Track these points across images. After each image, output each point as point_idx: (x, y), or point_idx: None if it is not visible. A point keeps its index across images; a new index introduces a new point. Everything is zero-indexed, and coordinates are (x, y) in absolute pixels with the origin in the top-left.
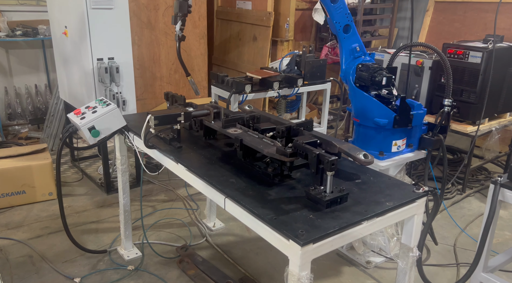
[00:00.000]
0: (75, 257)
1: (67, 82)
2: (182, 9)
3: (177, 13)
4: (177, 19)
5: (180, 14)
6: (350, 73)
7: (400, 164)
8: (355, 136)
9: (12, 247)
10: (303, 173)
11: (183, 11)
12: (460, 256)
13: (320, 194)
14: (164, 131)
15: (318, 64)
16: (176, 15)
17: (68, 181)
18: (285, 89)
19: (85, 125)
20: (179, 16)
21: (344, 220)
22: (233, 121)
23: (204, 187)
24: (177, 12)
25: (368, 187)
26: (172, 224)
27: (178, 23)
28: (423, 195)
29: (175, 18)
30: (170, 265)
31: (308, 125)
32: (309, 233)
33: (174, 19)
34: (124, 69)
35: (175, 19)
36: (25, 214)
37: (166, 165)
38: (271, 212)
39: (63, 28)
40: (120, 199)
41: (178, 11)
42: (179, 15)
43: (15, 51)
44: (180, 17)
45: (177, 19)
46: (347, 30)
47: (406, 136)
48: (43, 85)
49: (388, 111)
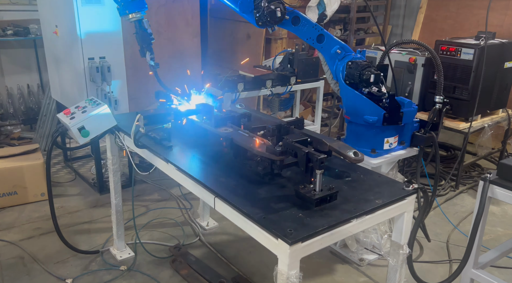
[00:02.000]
0: (67, 257)
1: (59, 82)
2: (145, 41)
3: (142, 46)
4: (144, 51)
5: (145, 45)
6: (340, 70)
7: (392, 161)
8: (347, 133)
9: (3, 249)
10: (294, 171)
11: (147, 41)
12: (453, 253)
13: (310, 192)
14: (155, 130)
15: (311, 62)
16: (142, 48)
17: (61, 181)
18: (278, 87)
19: (75, 125)
20: (145, 48)
21: (333, 218)
22: (224, 120)
23: (194, 186)
24: (142, 45)
25: (358, 185)
26: (166, 223)
27: (146, 54)
28: (413, 192)
29: (142, 51)
30: (163, 265)
31: (299, 123)
32: (298, 231)
33: (142, 52)
34: (115, 69)
35: (142, 52)
36: (17, 215)
37: (157, 164)
38: (261, 211)
39: (53, 27)
40: (112, 199)
41: (142, 43)
42: (144, 46)
43: (6, 51)
44: (146, 47)
45: (144, 50)
46: (320, 39)
47: (398, 133)
48: (35, 85)
49: (377, 109)
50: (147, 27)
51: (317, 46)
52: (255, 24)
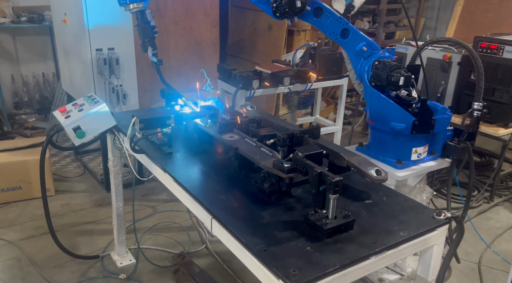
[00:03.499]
0: (65, 262)
1: (68, 73)
2: (147, 34)
3: (143, 40)
4: (146, 46)
5: (147, 39)
6: (366, 70)
7: (421, 174)
8: (371, 141)
9: (1, 248)
10: (305, 189)
11: (149, 35)
12: (485, 276)
13: (321, 220)
14: (155, 134)
15: (335, 58)
16: (144, 42)
17: (69, 176)
18: (297, 84)
19: (69, 125)
20: (146, 42)
21: (347, 255)
22: (230, 126)
23: (191, 202)
24: (144, 39)
25: (379, 210)
26: (172, 227)
27: (148, 49)
28: (445, 223)
29: (143, 45)
30: (164, 275)
31: (314, 132)
32: (303, 272)
33: (143, 47)
34: (124, 61)
35: (144, 47)
36: (20, 212)
37: (154, 172)
38: (262, 241)
39: (62, 15)
40: (113, 202)
41: (144, 37)
42: (146, 40)
43: (21, 38)
44: (148, 42)
45: (146, 46)
46: (345, 34)
47: (428, 142)
48: (50, 74)
49: (406, 115)
50: (150, 19)
51: (340, 41)
52: (272, 15)
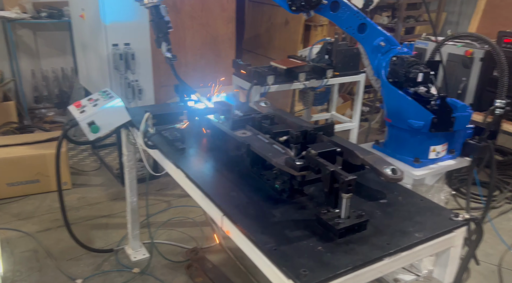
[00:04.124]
0: (81, 255)
1: (86, 68)
2: (161, 29)
3: (158, 35)
4: (160, 42)
5: (161, 34)
6: (383, 66)
7: (439, 173)
8: (388, 138)
9: (19, 240)
10: (318, 187)
11: (164, 30)
12: (506, 279)
13: (333, 219)
14: (168, 129)
15: (352, 53)
16: (158, 37)
17: (86, 169)
18: (313, 80)
19: (84, 120)
20: (161, 38)
21: (359, 256)
22: (243, 122)
23: (202, 199)
24: (158, 34)
25: (394, 210)
26: (185, 222)
27: (162, 45)
28: (463, 225)
29: (158, 41)
30: (177, 270)
31: (328, 129)
32: (314, 273)
33: (157, 42)
34: (140, 56)
35: (158, 42)
36: (38, 204)
37: (166, 167)
38: (272, 239)
39: (80, 10)
40: (127, 197)
41: (158, 32)
42: (160, 35)
43: (42, 33)
44: (162, 37)
45: (160, 41)
46: (362, 29)
47: (447, 141)
48: (69, 69)
49: (424, 112)
50: (164, 14)
51: (357, 36)
52: (288, 9)
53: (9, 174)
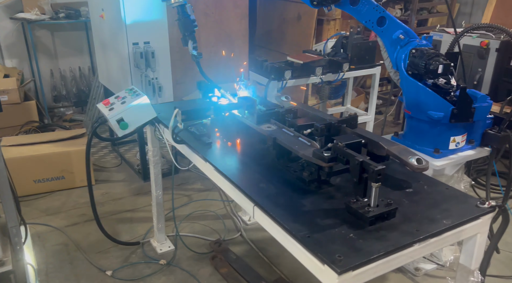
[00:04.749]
0: (109, 247)
1: (106, 67)
2: (188, 28)
3: (184, 34)
4: (186, 40)
5: (187, 33)
6: (402, 59)
7: (459, 163)
8: (407, 130)
9: (49, 234)
10: (344, 178)
11: (190, 29)
12: None
13: (363, 208)
14: (195, 125)
15: (367, 47)
16: (184, 36)
17: (107, 166)
18: (329, 74)
19: (114, 117)
20: (187, 36)
21: (390, 242)
22: (267, 117)
23: (232, 190)
24: (184, 33)
25: (420, 199)
26: (207, 215)
27: (189, 43)
28: (489, 211)
29: (184, 39)
30: (202, 261)
31: (352, 121)
32: (348, 258)
33: (184, 40)
34: (160, 54)
35: (184, 40)
36: (64, 200)
37: (195, 161)
38: (304, 227)
39: (100, 11)
40: (152, 191)
41: (185, 31)
42: (187, 34)
43: (59, 34)
44: (189, 36)
45: (187, 39)
46: (381, 22)
47: (466, 131)
48: (86, 68)
49: (444, 104)
50: (190, 13)
51: (377, 30)
52: (309, 4)
53: (36, 171)
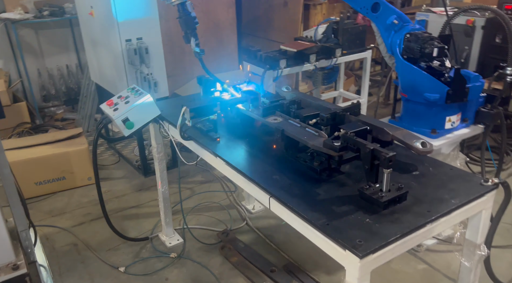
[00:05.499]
0: (118, 244)
1: (97, 64)
2: (190, 25)
3: (186, 31)
4: (189, 37)
5: (189, 30)
6: (397, 44)
7: (455, 142)
8: (403, 112)
9: (57, 235)
10: (353, 165)
11: (192, 26)
12: None
13: (376, 193)
14: (201, 121)
15: (357, 31)
16: (186, 33)
17: (106, 163)
18: (322, 61)
19: (119, 117)
20: (189, 33)
21: (405, 224)
22: (272, 109)
23: (246, 183)
24: (186, 30)
25: (428, 181)
26: (211, 207)
27: (191, 40)
28: (493, 188)
29: (186, 37)
30: (212, 252)
31: (355, 109)
32: (368, 242)
33: (186, 38)
34: (153, 50)
35: (186, 38)
36: (67, 200)
37: (204, 157)
38: (323, 215)
39: (89, 8)
40: (158, 186)
41: (187, 28)
42: (189, 31)
43: (44, 32)
44: (191, 33)
45: (189, 36)
46: (376, 8)
47: (461, 110)
48: (73, 65)
49: (440, 85)
50: (191, 10)
51: (371, 16)
52: None
53: (36, 174)
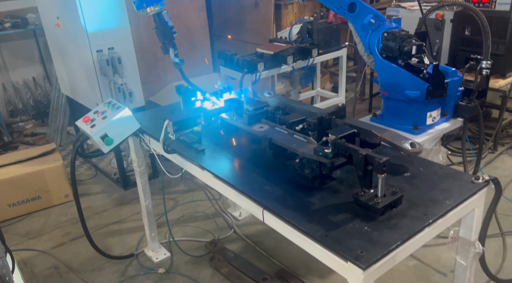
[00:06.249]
0: (102, 264)
1: (67, 76)
2: (167, 36)
3: (163, 42)
4: (167, 48)
5: (167, 41)
6: (375, 43)
7: (437, 137)
8: (384, 110)
9: (36, 259)
10: (343, 170)
11: (169, 36)
12: (503, 223)
13: (372, 199)
14: (184, 133)
15: (332, 30)
16: (164, 44)
17: (82, 178)
18: (299, 61)
19: (97, 134)
20: (167, 44)
21: (404, 230)
22: (257, 117)
23: (237, 196)
24: (164, 41)
25: (420, 182)
26: (197, 217)
27: (170, 51)
28: (484, 186)
29: (164, 47)
30: (201, 264)
31: (340, 112)
32: (370, 252)
33: (164, 48)
34: (126, 59)
35: (164, 48)
36: (44, 221)
37: (190, 170)
38: (320, 226)
39: (55, 19)
40: (141, 201)
41: (164, 39)
42: (167, 42)
43: (7, 45)
44: (169, 43)
45: (167, 47)
46: (352, 8)
47: (440, 105)
48: (41, 77)
49: (419, 82)
50: (167, 19)
51: (348, 16)
52: None
53: (9, 195)
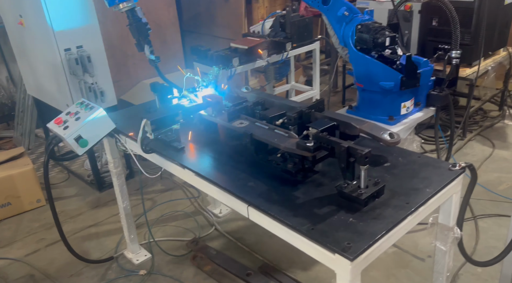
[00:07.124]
0: (81, 269)
1: (33, 77)
2: (142, 33)
3: (138, 39)
4: (142, 45)
5: (142, 37)
6: (350, 36)
7: (411, 126)
8: (360, 102)
9: (9, 268)
10: (325, 162)
11: (144, 33)
12: (475, 208)
13: (355, 191)
14: (163, 132)
15: (305, 24)
16: (139, 41)
17: (54, 182)
18: (274, 56)
19: (71, 136)
20: (142, 41)
21: (389, 220)
22: (237, 112)
23: (220, 194)
24: (138, 37)
25: (400, 172)
26: (176, 216)
27: (145, 47)
28: (461, 173)
29: (139, 44)
30: (183, 263)
31: (319, 106)
32: (356, 243)
33: (139, 45)
34: (96, 57)
35: (139, 46)
36: (15, 227)
37: (170, 169)
38: (306, 220)
39: (17, 17)
40: (119, 203)
41: (139, 36)
42: (141, 39)
43: None
44: (144, 40)
45: (142, 44)
46: (326, 1)
47: (414, 95)
48: (4, 79)
49: (394, 73)
50: (141, 16)
51: (322, 9)
52: None
53: None
